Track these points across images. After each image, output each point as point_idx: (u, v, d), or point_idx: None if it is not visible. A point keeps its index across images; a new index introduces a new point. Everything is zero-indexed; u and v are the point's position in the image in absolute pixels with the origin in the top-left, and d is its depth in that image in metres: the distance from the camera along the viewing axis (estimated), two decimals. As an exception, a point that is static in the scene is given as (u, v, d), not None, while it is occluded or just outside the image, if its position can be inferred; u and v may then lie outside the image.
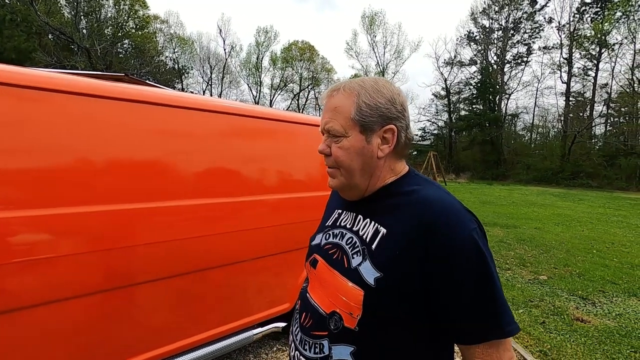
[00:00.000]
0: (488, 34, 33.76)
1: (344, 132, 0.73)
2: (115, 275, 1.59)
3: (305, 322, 0.80)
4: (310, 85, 40.42)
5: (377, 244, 0.71)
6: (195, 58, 36.89)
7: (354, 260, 0.72)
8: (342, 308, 0.72)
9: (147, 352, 1.72)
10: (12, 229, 1.33)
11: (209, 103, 2.01)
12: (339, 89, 0.76)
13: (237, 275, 2.07)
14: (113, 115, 1.60)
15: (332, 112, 0.75)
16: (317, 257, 0.83)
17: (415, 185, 0.75)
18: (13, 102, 1.35)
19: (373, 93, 0.73)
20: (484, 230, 0.71)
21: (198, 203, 1.86)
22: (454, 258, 0.64)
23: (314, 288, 0.82)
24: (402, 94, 0.77)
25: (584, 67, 28.76)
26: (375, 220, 0.74)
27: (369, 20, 37.52)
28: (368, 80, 0.75)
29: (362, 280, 0.69)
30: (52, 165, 1.43)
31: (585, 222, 8.70)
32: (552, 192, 17.73)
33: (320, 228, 0.92)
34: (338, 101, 0.75)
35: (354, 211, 0.81)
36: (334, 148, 0.75)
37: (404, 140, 0.76)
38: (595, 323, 3.20)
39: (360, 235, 0.75)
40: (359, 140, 0.73)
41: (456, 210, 0.68)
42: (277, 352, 2.56)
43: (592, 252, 5.73)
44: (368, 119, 0.72)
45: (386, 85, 0.75)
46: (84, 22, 25.61)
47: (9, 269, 1.32)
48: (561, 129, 29.01)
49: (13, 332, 1.35)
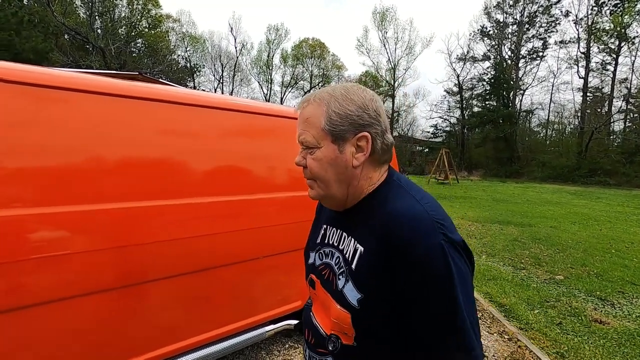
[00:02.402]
0: (502, 29, 33.06)
1: (316, 143, 0.73)
2: (128, 273, 1.60)
3: (309, 339, 0.82)
4: (321, 82, 40.31)
5: (356, 263, 0.70)
6: (207, 56, 37.26)
7: (340, 281, 0.72)
8: (336, 329, 0.73)
9: (161, 348, 1.74)
10: (25, 227, 1.35)
11: (220, 101, 2.01)
12: (309, 100, 0.75)
13: (248, 273, 2.08)
14: (124, 114, 1.61)
15: (304, 124, 0.74)
16: (314, 278, 0.83)
17: (389, 194, 0.73)
18: (26, 101, 1.37)
19: (343, 101, 0.71)
20: (463, 245, 0.66)
21: (210, 201, 1.87)
22: (413, 272, 0.62)
23: (317, 308, 0.83)
24: (377, 99, 0.75)
25: (602, 62, 27.93)
26: (355, 238, 0.73)
27: (380, 16, 37.18)
28: (339, 88, 0.74)
29: (347, 303, 0.69)
30: (64, 163, 1.44)
31: (603, 220, 8.48)
32: (568, 190, 17.33)
33: (312, 245, 0.90)
34: (309, 112, 0.74)
35: (338, 227, 0.80)
36: (309, 160, 0.75)
37: (381, 146, 0.73)
38: (615, 325, 3.12)
39: (344, 254, 0.74)
40: (332, 151, 0.72)
41: (421, 221, 0.64)
42: (289, 349, 2.57)
43: (611, 251, 5.58)
44: (339, 128, 0.71)
45: (357, 92, 0.73)
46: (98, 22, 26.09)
47: (23, 266, 1.33)
48: (578, 125, 28.28)
49: (26, 329, 1.37)
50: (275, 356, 2.48)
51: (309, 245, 0.93)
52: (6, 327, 1.33)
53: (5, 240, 1.30)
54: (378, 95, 0.76)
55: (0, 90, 1.32)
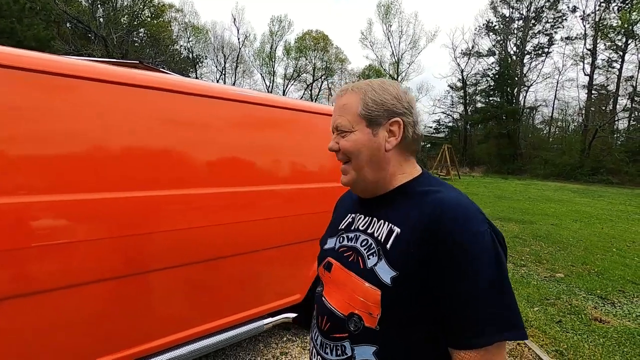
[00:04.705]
0: (508, 24, 32.67)
1: (350, 127, 0.77)
2: (130, 262, 1.60)
3: (324, 326, 0.80)
4: (324, 75, 40.06)
5: (391, 243, 0.72)
6: (210, 47, 36.94)
7: (370, 261, 0.73)
8: (361, 309, 0.72)
9: (160, 339, 1.73)
10: (30, 214, 1.34)
11: (227, 91, 1.98)
12: (347, 89, 0.80)
13: (249, 265, 2.07)
14: (128, 102, 1.59)
15: (340, 110, 0.79)
16: (332, 261, 0.84)
17: (430, 186, 0.76)
18: (29, 88, 1.34)
19: (379, 90, 0.77)
20: (503, 242, 0.70)
21: (213, 192, 1.85)
22: (462, 251, 0.64)
23: (330, 291, 0.82)
24: (410, 94, 0.80)
25: (608, 59, 27.59)
26: (390, 221, 0.75)
27: (385, 9, 36.78)
28: (376, 80, 0.80)
29: (379, 280, 0.70)
30: (69, 151, 1.43)
31: (605, 219, 8.45)
32: (570, 187, 17.26)
33: (332, 232, 0.92)
34: (346, 99, 0.79)
35: (368, 214, 0.82)
36: (342, 141, 0.79)
37: (412, 135, 0.78)
38: (615, 324, 3.11)
39: (375, 237, 0.76)
40: (366, 133, 0.76)
41: (469, 209, 0.69)
42: (287, 342, 2.56)
43: (612, 250, 5.56)
44: (374, 113, 0.76)
45: (393, 84, 0.79)
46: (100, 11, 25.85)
47: (27, 253, 1.33)
48: (582, 123, 28.06)
49: (29, 316, 1.37)
50: (273, 349, 2.48)
51: (327, 233, 0.96)
52: (14, 313, 1.34)
53: (12, 227, 1.30)
54: (409, 90, 0.82)
55: (4, 76, 1.29)
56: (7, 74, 1.30)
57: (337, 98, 0.82)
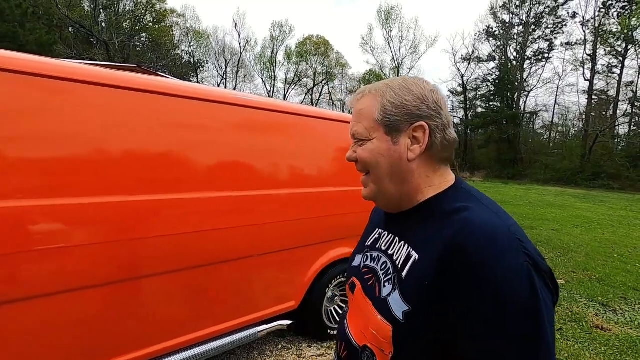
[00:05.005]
0: (508, 29, 32.82)
1: (367, 135, 0.68)
2: (124, 267, 1.57)
3: (341, 352, 0.75)
4: (324, 80, 40.21)
5: (407, 271, 0.62)
6: (211, 52, 37.15)
7: (385, 289, 0.65)
8: (373, 343, 0.65)
9: (150, 346, 1.70)
10: (26, 218, 1.33)
11: (223, 95, 1.96)
12: (364, 92, 0.71)
13: (244, 271, 2.03)
14: (124, 106, 1.57)
15: (357, 116, 0.71)
16: (356, 282, 0.77)
17: (459, 202, 0.63)
18: (24, 91, 1.33)
19: (399, 91, 0.67)
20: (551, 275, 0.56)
21: (208, 196, 1.83)
22: (485, 294, 0.51)
23: (352, 315, 0.76)
24: (439, 91, 0.69)
25: (608, 64, 27.68)
26: (409, 244, 0.66)
27: (385, 14, 37.02)
28: (397, 79, 0.70)
29: (391, 314, 0.61)
30: (64, 155, 1.41)
31: (606, 224, 8.39)
32: (571, 193, 17.21)
33: (360, 247, 0.84)
34: (363, 104, 0.70)
35: (392, 232, 0.74)
36: (359, 150, 0.70)
37: (441, 141, 0.66)
38: (617, 332, 3.05)
39: (394, 260, 0.67)
40: (385, 142, 0.67)
41: (500, 235, 0.55)
42: (282, 350, 2.52)
43: (613, 256, 5.50)
44: (393, 119, 0.66)
45: (417, 83, 0.68)
46: (103, 16, 26.05)
47: (21, 257, 1.31)
48: (582, 128, 28.09)
49: (25, 320, 1.35)
50: (267, 357, 2.44)
51: (357, 247, 0.88)
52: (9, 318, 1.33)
53: (9, 231, 1.29)
54: (439, 88, 0.70)
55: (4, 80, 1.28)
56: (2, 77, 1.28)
57: (354, 102, 0.73)
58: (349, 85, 41.22)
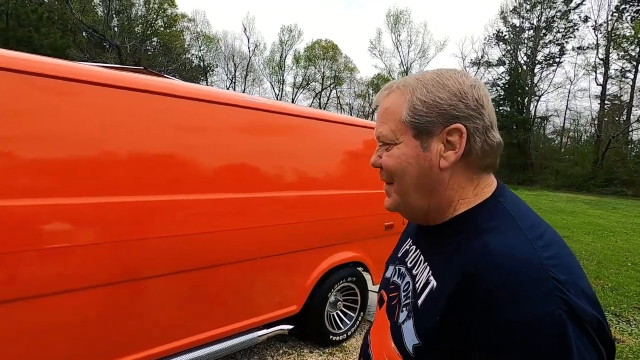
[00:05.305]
0: (518, 34, 32.54)
1: (393, 138, 0.59)
2: (124, 268, 1.56)
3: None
4: (332, 84, 40.29)
5: (423, 299, 0.55)
6: (220, 56, 37.57)
7: (402, 314, 0.59)
8: None
9: (149, 349, 1.68)
10: (29, 218, 1.33)
11: (228, 97, 1.96)
12: (392, 87, 0.61)
13: (245, 274, 2.01)
14: (130, 107, 1.57)
15: (382, 115, 0.61)
16: (384, 296, 0.71)
17: (489, 221, 0.54)
18: (29, 91, 1.33)
19: (432, 87, 0.56)
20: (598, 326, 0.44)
21: (210, 198, 1.81)
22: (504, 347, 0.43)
23: (375, 331, 0.70)
24: (481, 87, 0.57)
25: (621, 69, 27.20)
26: (431, 267, 0.58)
27: (394, 18, 37.02)
28: (430, 72, 0.59)
29: (403, 345, 0.55)
30: (66, 155, 1.41)
31: (619, 232, 8.18)
32: (582, 199, 16.87)
33: (393, 257, 0.77)
34: (389, 102, 0.61)
35: (419, 247, 0.66)
36: (384, 157, 0.61)
37: (481, 145, 0.55)
38: (630, 343, 2.94)
39: (415, 283, 0.60)
40: (413, 147, 0.57)
41: (528, 272, 0.45)
42: (282, 355, 2.48)
43: (627, 264, 5.35)
44: (423, 120, 0.56)
45: (454, 77, 0.57)
46: (115, 20, 26.56)
47: (22, 257, 1.31)
48: (594, 134, 27.58)
49: (26, 320, 1.35)
50: (268, 362, 2.40)
51: (391, 256, 0.80)
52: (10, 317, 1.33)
53: (11, 230, 1.29)
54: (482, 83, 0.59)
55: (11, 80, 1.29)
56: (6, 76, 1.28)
57: (381, 99, 0.63)
58: (357, 90, 41.29)
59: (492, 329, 0.44)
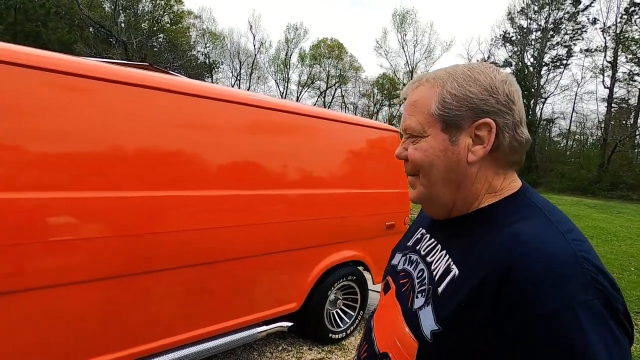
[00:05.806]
0: (525, 35, 32.28)
1: (421, 131, 0.59)
2: (127, 263, 1.57)
3: (362, 353, 0.71)
4: (337, 83, 40.22)
5: (444, 286, 0.55)
6: (226, 53, 37.58)
7: (417, 300, 0.59)
8: (395, 354, 0.59)
9: (149, 342, 1.70)
10: (36, 210, 1.35)
11: (236, 95, 1.97)
12: (421, 80, 0.62)
13: (246, 271, 2.03)
14: (136, 103, 1.59)
15: (410, 108, 0.61)
16: (391, 283, 0.72)
17: (518, 213, 0.55)
18: (35, 86, 1.34)
19: (463, 80, 0.57)
20: (626, 314, 0.46)
21: (212, 194, 1.82)
22: (537, 338, 0.43)
23: (379, 317, 0.71)
24: (512, 82, 0.58)
25: (629, 72, 26.87)
26: (451, 255, 0.58)
27: (400, 18, 36.82)
28: (462, 65, 0.60)
29: (419, 330, 0.55)
30: (75, 150, 1.43)
31: (623, 236, 8.12)
32: (587, 202, 16.74)
33: (401, 246, 0.78)
34: (418, 94, 0.61)
35: (433, 236, 0.67)
36: (410, 149, 0.61)
37: (510, 141, 0.56)
38: (632, 350, 2.92)
39: (431, 270, 0.60)
40: (441, 141, 0.58)
41: (564, 262, 0.46)
42: (282, 351, 2.49)
43: (630, 269, 5.31)
44: (453, 113, 0.56)
45: (486, 71, 0.57)
46: (122, 16, 26.66)
47: (30, 248, 1.33)
48: (601, 137, 27.35)
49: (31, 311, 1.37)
50: (267, 358, 2.42)
51: (398, 244, 0.81)
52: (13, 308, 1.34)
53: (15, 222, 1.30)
54: (513, 78, 0.59)
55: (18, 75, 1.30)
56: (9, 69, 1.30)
57: (409, 91, 0.63)
58: (362, 89, 41.17)
59: (528, 320, 0.44)
